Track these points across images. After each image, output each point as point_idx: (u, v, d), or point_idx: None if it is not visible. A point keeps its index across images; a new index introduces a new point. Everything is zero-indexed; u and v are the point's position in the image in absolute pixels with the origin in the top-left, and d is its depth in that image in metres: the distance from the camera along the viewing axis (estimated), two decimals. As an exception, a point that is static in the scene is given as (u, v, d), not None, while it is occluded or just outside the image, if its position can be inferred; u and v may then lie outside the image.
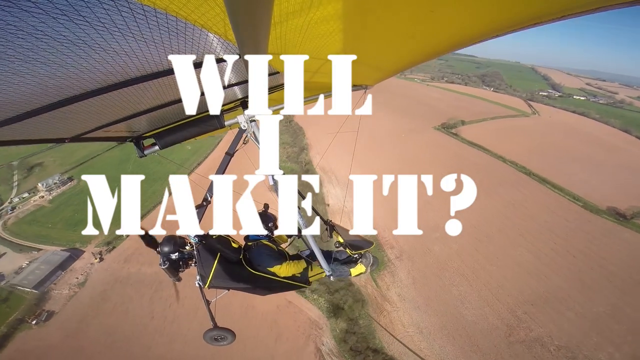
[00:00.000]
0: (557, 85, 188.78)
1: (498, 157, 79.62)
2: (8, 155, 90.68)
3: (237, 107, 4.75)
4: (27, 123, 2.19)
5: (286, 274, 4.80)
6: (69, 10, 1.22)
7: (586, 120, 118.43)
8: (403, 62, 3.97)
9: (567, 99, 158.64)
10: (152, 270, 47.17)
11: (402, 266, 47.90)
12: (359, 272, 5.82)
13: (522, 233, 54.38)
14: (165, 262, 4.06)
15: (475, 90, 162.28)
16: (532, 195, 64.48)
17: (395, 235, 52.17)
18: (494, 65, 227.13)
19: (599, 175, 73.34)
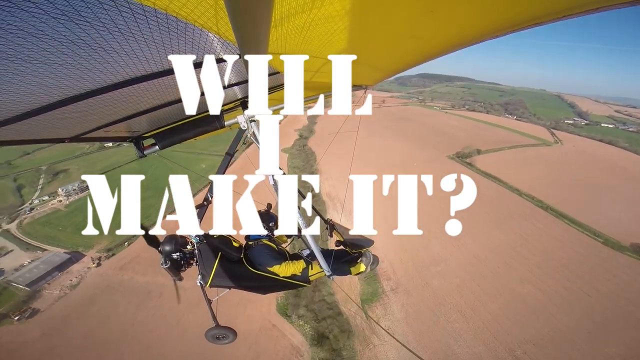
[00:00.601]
0: (583, 112, 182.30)
1: (513, 189, 76.54)
2: (39, 159, 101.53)
3: (237, 107, 4.81)
4: (27, 123, 2.22)
5: (285, 274, 4.81)
6: (69, 10, 1.23)
7: (614, 150, 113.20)
8: (403, 62, 3.98)
9: (595, 127, 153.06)
10: (144, 280, 48.74)
11: (396, 299, 46.05)
12: (359, 270, 5.77)
13: (531, 269, 51.31)
14: (167, 262, 4.12)
15: (496, 118, 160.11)
16: (547, 230, 60.91)
17: (394, 266, 51.01)
18: (518, 93, 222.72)
19: (625, 209, 68.82)
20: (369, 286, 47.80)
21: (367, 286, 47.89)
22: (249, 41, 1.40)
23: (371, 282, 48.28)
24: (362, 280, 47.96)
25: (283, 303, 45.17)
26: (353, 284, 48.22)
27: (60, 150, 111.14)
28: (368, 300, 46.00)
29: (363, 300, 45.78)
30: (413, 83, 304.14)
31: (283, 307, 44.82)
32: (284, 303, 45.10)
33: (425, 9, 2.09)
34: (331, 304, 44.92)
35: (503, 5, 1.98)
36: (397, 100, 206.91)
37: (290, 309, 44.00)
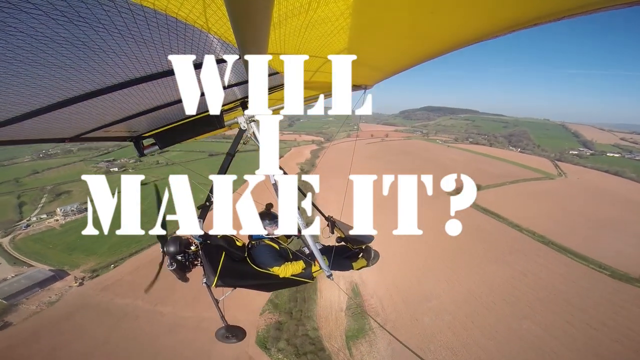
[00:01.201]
0: (588, 142, 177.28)
1: (514, 225, 74.58)
2: (47, 179, 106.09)
3: (237, 107, 4.81)
4: (27, 123, 2.23)
5: (285, 274, 4.77)
6: (69, 11, 1.22)
7: (620, 181, 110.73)
8: (403, 62, 4.00)
9: (600, 157, 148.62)
10: (123, 302, 48.72)
11: (383, 335, 44.04)
12: (361, 265, 5.78)
13: (530, 304, 49.19)
14: (173, 264, 4.05)
15: (499, 151, 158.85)
16: (548, 265, 58.74)
17: (383, 302, 49.79)
18: (522, 124, 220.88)
19: (633, 242, 66.10)
20: (356, 322, 46.78)
21: (353, 322, 46.82)
22: (248, 42, 1.41)
23: (358, 317, 47.10)
24: (348, 316, 47.02)
25: (263, 335, 44.24)
26: (339, 319, 47.33)
27: (67, 172, 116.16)
28: (353, 336, 44.62)
29: (348, 337, 44.49)
30: (418, 116, 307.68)
31: (263, 339, 43.74)
32: (265, 335, 44.16)
33: (425, 9, 2.10)
34: (314, 339, 43.78)
35: (502, 6, 2.00)
36: (401, 134, 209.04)
37: (271, 341, 42.84)
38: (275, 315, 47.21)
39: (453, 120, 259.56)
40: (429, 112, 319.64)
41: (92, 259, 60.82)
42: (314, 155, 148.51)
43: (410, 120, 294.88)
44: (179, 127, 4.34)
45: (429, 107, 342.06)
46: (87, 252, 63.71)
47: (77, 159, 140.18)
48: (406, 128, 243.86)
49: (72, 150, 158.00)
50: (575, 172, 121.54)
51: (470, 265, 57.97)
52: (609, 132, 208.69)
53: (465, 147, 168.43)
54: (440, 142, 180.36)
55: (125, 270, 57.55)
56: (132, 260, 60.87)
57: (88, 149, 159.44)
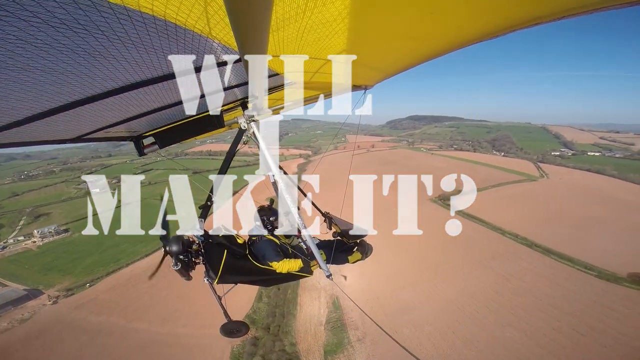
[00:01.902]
0: (569, 142, 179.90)
1: (496, 228, 73.55)
2: (26, 201, 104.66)
3: (237, 107, 4.74)
4: (29, 127, 2.24)
5: (281, 270, 4.83)
6: (68, 19, 1.21)
7: (602, 179, 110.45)
8: (403, 63, 3.96)
9: (581, 156, 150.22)
10: (97, 320, 48.03)
11: (362, 349, 43.01)
12: (356, 259, 5.98)
13: (514, 311, 46.61)
14: (177, 264, 3.95)
15: (483, 156, 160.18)
16: (532, 268, 57.32)
17: (363, 315, 47.17)
18: (504, 129, 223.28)
19: (618, 240, 64.44)
20: (335, 336, 45.51)
21: (332, 336, 45.55)
22: (248, 45, 1.40)
23: (337, 331, 45.86)
24: (327, 330, 45.92)
25: (238, 351, 42.99)
26: (318, 334, 46.22)
27: (48, 194, 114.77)
28: (332, 351, 43.27)
29: (327, 352, 43.21)
30: (404, 126, 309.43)
31: (238, 355, 42.60)
32: (240, 351, 42.91)
33: (425, 10, 2.10)
34: (291, 354, 42.67)
35: (502, 6, 1.99)
36: (387, 144, 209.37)
37: (246, 357, 41.76)
38: (252, 330, 45.82)
39: (438, 128, 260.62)
40: (415, 121, 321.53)
41: (68, 279, 60.21)
42: (301, 169, 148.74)
43: (396, 130, 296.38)
44: (179, 126, 4.30)
45: (415, 116, 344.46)
46: (63, 272, 63.06)
47: (58, 180, 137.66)
48: (392, 138, 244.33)
49: (55, 171, 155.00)
50: (557, 172, 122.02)
51: (452, 273, 56.59)
52: (588, 132, 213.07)
53: (450, 153, 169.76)
54: (424, 150, 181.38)
55: (101, 288, 56.91)
56: (109, 279, 60.18)
57: (70, 170, 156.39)
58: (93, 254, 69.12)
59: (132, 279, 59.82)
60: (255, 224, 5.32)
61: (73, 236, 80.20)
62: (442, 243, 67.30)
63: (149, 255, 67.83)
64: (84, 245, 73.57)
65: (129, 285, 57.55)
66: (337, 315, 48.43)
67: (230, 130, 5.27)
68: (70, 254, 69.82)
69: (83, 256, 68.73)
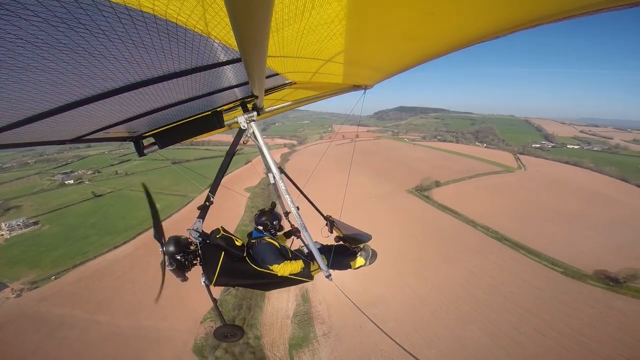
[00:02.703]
0: (550, 135, 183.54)
1: (468, 221, 72.50)
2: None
3: (236, 107, 4.54)
4: (28, 128, 2.22)
5: (283, 273, 4.72)
6: (69, 18, 1.19)
7: (579, 171, 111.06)
8: (403, 63, 3.88)
9: (561, 149, 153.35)
10: (61, 312, 47.50)
11: (327, 344, 41.91)
12: (359, 264, 5.77)
13: (478, 308, 44.87)
14: (172, 264, 3.90)
15: (465, 147, 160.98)
16: (500, 263, 56.35)
17: (331, 309, 47.11)
18: (488, 121, 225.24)
19: (589, 234, 64.01)
20: (301, 330, 44.60)
21: (298, 330, 44.67)
22: (249, 45, 1.39)
23: (304, 325, 44.94)
24: (294, 323, 45.10)
25: (202, 343, 42.51)
26: (284, 327, 45.42)
27: (21, 186, 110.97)
28: (297, 345, 42.44)
29: (292, 345, 42.36)
30: (390, 117, 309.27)
31: (200, 347, 42.06)
32: (203, 343, 42.44)
33: (424, 10, 2.09)
34: (255, 347, 41.97)
35: (502, 7, 1.98)
36: (372, 134, 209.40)
37: (208, 350, 41.17)
38: (217, 323, 43.36)
39: (424, 119, 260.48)
40: (402, 112, 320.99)
41: (34, 272, 58.65)
42: (284, 158, 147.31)
43: (383, 121, 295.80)
44: (179, 126, 4.27)
45: (402, 108, 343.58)
46: (29, 265, 61.40)
47: (32, 172, 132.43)
48: (378, 128, 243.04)
49: (29, 162, 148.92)
50: (535, 164, 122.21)
51: (422, 267, 55.46)
52: (569, 126, 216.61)
53: (432, 144, 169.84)
54: (407, 140, 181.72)
55: (67, 281, 55.84)
56: (75, 271, 58.93)
57: (46, 161, 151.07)
58: (61, 247, 67.41)
59: (98, 271, 58.53)
60: (256, 227, 5.21)
61: (42, 229, 78.19)
62: (415, 236, 65.65)
63: (117, 247, 66.84)
64: (52, 238, 71.84)
65: (95, 278, 56.27)
66: (305, 308, 47.56)
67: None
68: (38, 247, 67.98)
69: (51, 249, 66.94)
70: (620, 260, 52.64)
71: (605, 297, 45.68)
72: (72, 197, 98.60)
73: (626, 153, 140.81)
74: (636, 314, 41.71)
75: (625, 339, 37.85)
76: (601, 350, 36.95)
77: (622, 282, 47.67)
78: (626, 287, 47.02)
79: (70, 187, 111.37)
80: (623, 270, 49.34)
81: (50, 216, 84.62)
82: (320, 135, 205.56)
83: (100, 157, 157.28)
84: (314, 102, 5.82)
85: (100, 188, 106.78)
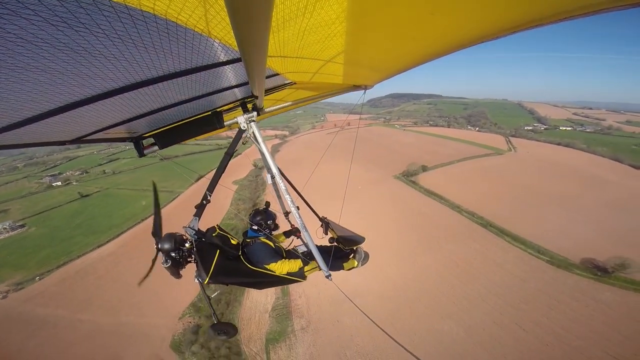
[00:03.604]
0: (542, 118, 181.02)
1: (454, 206, 69.36)
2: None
3: (236, 108, 4.51)
4: (27, 128, 2.21)
5: (281, 271, 4.77)
6: (69, 17, 1.18)
7: (571, 152, 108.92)
8: (403, 63, 3.85)
9: (554, 130, 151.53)
10: (44, 312, 47.94)
11: (304, 339, 40.70)
12: (351, 266, 5.77)
13: (457, 300, 41.99)
14: (168, 261, 3.83)
15: (456, 131, 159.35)
16: (483, 251, 53.90)
17: (310, 302, 45.47)
18: (481, 105, 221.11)
19: (579, 219, 60.86)
20: (279, 324, 43.45)
21: (276, 324, 43.54)
22: (249, 45, 1.37)
23: (282, 319, 43.90)
24: (272, 317, 44.05)
25: (179, 339, 42.41)
26: (262, 322, 44.43)
27: (9, 190, 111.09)
28: (274, 339, 41.42)
29: (268, 340, 41.32)
30: (383, 104, 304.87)
31: (178, 343, 41.95)
32: (180, 339, 42.33)
33: (425, 11, 2.08)
34: (232, 342, 40.99)
35: (503, 7, 1.97)
36: (364, 122, 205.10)
37: (185, 345, 40.98)
38: (196, 318, 45.44)
39: (416, 105, 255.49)
40: (394, 99, 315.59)
41: (20, 273, 59.11)
42: (274, 149, 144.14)
43: (376, 108, 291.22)
44: (179, 127, 4.23)
45: (395, 94, 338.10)
46: (15, 267, 61.71)
47: (21, 176, 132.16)
48: (371, 115, 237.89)
49: (18, 167, 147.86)
50: (526, 146, 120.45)
51: (401, 256, 52.77)
52: (562, 108, 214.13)
53: (422, 129, 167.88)
54: (398, 126, 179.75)
55: (50, 282, 56.21)
56: (59, 272, 59.20)
57: (35, 164, 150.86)
58: (46, 248, 67.64)
59: (82, 270, 58.60)
60: (251, 227, 5.14)
61: (29, 231, 78.50)
62: (398, 224, 62.14)
63: (101, 246, 66.94)
64: (38, 240, 72.11)
65: (77, 277, 56.42)
66: (285, 302, 46.41)
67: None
68: (24, 249, 68.33)
69: (37, 250, 67.07)
70: (610, 246, 50.24)
71: (592, 289, 43.06)
72: (59, 198, 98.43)
73: (619, 134, 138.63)
74: (623, 306, 38.68)
75: (611, 334, 35.28)
76: (586, 348, 34.38)
77: (610, 271, 44.72)
78: (614, 278, 44.25)
79: (57, 188, 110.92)
80: (611, 258, 46.39)
81: (37, 218, 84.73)
82: (313, 125, 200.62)
83: (89, 157, 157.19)
84: (314, 102, 5.80)
85: (87, 188, 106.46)
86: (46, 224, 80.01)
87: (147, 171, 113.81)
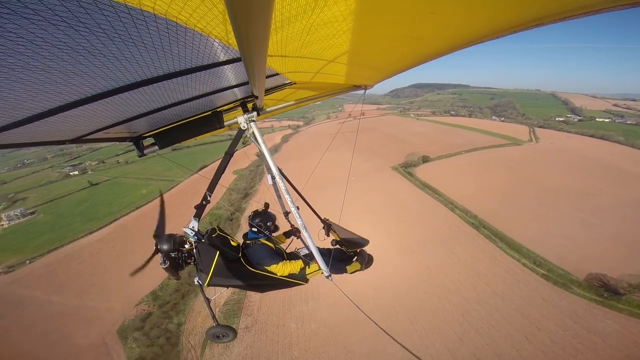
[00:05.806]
0: (577, 109, 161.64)
1: (447, 202, 60.65)
2: (9, 188, 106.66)
3: (236, 107, 4.44)
4: (28, 127, 2.20)
5: (282, 273, 4.58)
6: (69, 17, 1.16)
7: (605, 144, 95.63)
8: (403, 63, 3.75)
9: (589, 122, 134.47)
10: (23, 293, 49.29)
11: (244, 339, 37.42)
12: (355, 269, 5.41)
13: (415, 318, 34.00)
14: (166, 262, 3.73)
15: (476, 121, 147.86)
16: (466, 259, 45.99)
17: (263, 302, 41.71)
18: (510, 95, 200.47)
19: (594, 221, 49.61)
20: (225, 320, 40.08)
21: (223, 320, 40.05)
22: (249, 45, 1.34)
23: (230, 315, 41.05)
24: (222, 312, 41.23)
25: (128, 324, 42.12)
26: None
27: (33, 180, 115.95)
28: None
29: None
30: (406, 94, 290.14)
31: (125, 328, 41.85)
32: (128, 325, 42.04)
33: (425, 10, 2.05)
34: (173, 332, 40.49)
35: (503, 7, 1.95)
36: (379, 112, 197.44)
37: (130, 331, 41.26)
38: (150, 306, 45.10)
39: (440, 95, 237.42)
40: (417, 89, 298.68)
41: (16, 257, 61.06)
42: (284, 140, 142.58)
43: (398, 98, 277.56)
44: (179, 127, 4.14)
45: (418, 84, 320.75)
46: (14, 251, 63.99)
47: (47, 166, 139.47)
48: (390, 106, 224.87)
49: (47, 157, 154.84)
50: (552, 137, 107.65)
51: (376, 257, 41.88)
52: (601, 100, 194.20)
53: (439, 119, 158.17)
54: (412, 115, 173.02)
55: (38, 265, 57.92)
56: (49, 256, 60.90)
57: (62, 155, 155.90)
58: (46, 234, 70.46)
59: (68, 255, 59.79)
60: (250, 229, 5.01)
61: (37, 218, 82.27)
62: (381, 220, 54.42)
63: (92, 233, 68.39)
64: (42, 226, 75.57)
65: (63, 262, 57.54)
66: (239, 297, 43.72)
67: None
68: (28, 234, 71.89)
69: (37, 236, 69.64)
70: (628, 260, 39.48)
71: (589, 315, 33.65)
72: (71, 187, 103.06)
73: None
74: (624, 340, 29.17)
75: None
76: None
77: (622, 293, 34.57)
78: (625, 302, 34.24)
79: (74, 178, 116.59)
80: (626, 276, 36.20)
81: (47, 206, 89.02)
82: (328, 115, 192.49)
83: (110, 149, 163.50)
84: (314, 102, 5.68)
85: (98, 177, 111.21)
86: (52, 211, 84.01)
87: (153, 161, 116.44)
